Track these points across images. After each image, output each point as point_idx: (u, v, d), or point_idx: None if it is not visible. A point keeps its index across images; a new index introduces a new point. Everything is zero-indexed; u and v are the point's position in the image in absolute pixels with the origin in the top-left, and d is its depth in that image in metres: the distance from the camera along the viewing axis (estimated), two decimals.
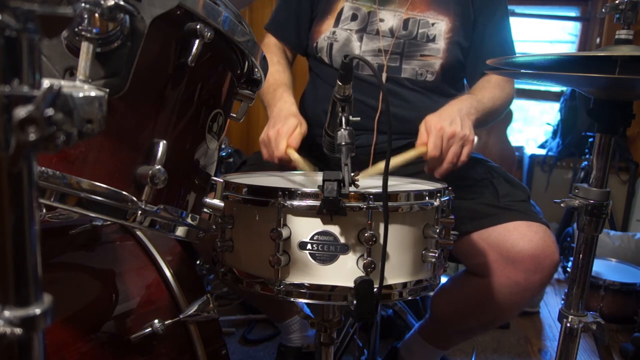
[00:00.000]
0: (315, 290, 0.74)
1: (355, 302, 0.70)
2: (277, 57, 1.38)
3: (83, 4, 0.49)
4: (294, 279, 0.75)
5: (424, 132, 1.05)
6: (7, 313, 0.29)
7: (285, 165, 1.10)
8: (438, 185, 0.88)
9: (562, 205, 0.87)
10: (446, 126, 1.02)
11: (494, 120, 1.28)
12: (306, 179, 1.02)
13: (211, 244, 0.85)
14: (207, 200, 0.73)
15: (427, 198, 0.78)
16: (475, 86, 1.30)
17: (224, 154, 2.05)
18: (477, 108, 1.16)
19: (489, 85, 1.27)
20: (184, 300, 0.85)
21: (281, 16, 1.41)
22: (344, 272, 0.73)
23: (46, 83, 0.29)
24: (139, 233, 0.92)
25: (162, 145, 0.59)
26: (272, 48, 1.41)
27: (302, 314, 0.94)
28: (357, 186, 0.70)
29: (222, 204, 0.73)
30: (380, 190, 0.71)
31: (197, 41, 0.59)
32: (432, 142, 1.02)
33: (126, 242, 0.92)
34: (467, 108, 1.12)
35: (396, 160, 1.01)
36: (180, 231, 0.67)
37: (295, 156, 1.06)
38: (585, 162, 2.77)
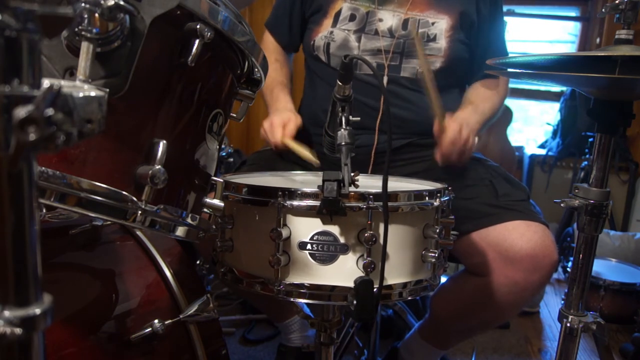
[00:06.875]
0: (315, 290, 0.74)
1: (355, 302, 0.70)
2: (275, 54, 1.43)
3: (83, 4, 0.49)
4: (294, 279, 0.75)
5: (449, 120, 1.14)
6: (7, 313, 0.29)
7: (284, 152, 1.22)
8: (438, 185, 0.88)
9: (562, 205, 0.87)
10: (465, 126, 1.14)
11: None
12: (306, 179, 1.02)
13: (211, 244, 0.85)
14: (207, 200, 0.73)
15: (427, 198, 0.78)
16: (475, 94, 1.34)
17: (224, 154, 2.04)
18: (480, 122, 1.26)
19: (487, 93, 1.33)
20: (184, 300, 0.85)
21: (276, 14, 1.45)
22: (344, 272, 0.73)
23: (46, 83, 0.29)
24: (139, 233, 0.92)
25: (162, 145, 0.59)
26: (269, 46, 1.45)
27: (302, 314, 0.93)
28: (357, 186, 0.70)
29: (222, 204, 0.73)
30: (380, 190, 0.71)
31: (197, 41, 0.59)
32: (452, 129, 1.11)
33: (126, 242, 0.92)
34: (472, 123, 1.21)
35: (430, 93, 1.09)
36: (180, 231, 0.67)
37: (292, 144, 1.16)
38: (585, 162, 2.76)
